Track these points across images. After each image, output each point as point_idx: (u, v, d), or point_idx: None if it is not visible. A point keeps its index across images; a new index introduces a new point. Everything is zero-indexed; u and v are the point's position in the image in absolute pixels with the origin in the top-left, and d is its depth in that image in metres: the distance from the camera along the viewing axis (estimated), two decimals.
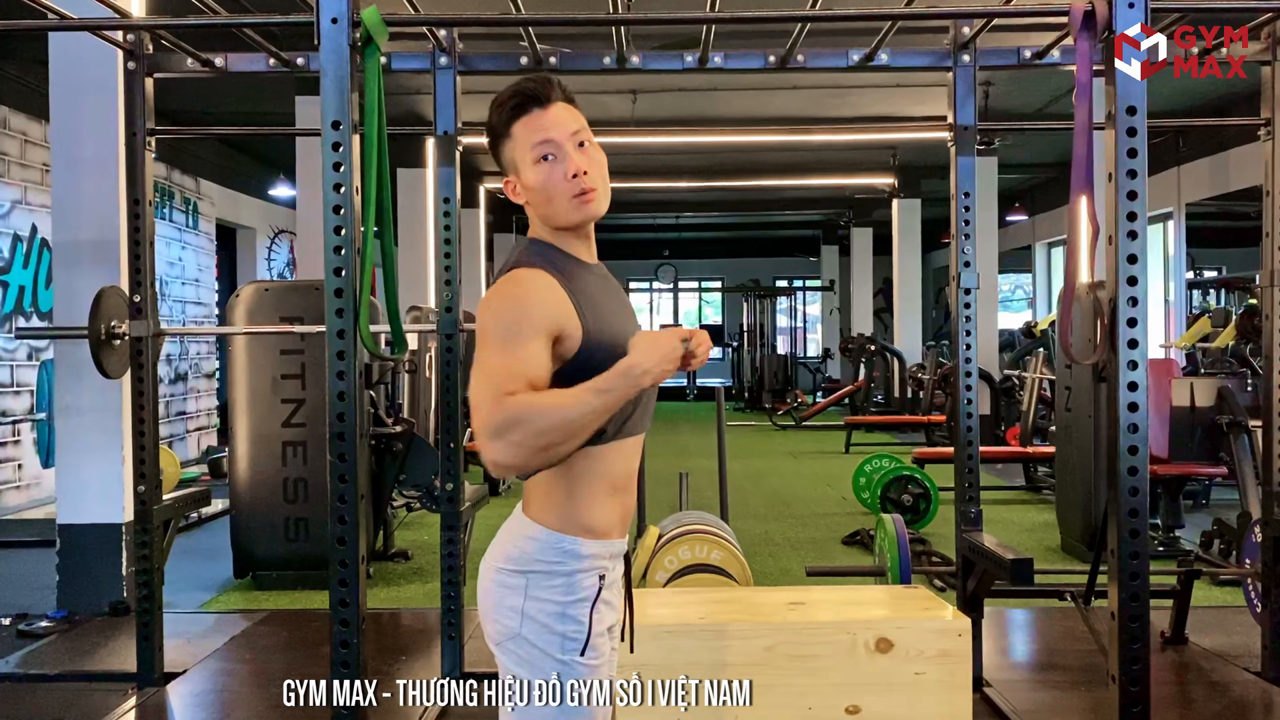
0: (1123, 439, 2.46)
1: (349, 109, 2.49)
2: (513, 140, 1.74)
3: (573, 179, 1.71)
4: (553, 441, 1.55)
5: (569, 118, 1.74)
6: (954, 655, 2.91)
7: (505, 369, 1.58)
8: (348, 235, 2.50)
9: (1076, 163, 2.50)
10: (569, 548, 1.74)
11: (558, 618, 1.73)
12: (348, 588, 2.51)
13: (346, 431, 2.49)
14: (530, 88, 1.74)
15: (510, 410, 1.54)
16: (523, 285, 1.68)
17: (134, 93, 3.73)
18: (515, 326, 1.62)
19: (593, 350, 1.67)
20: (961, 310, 3.71)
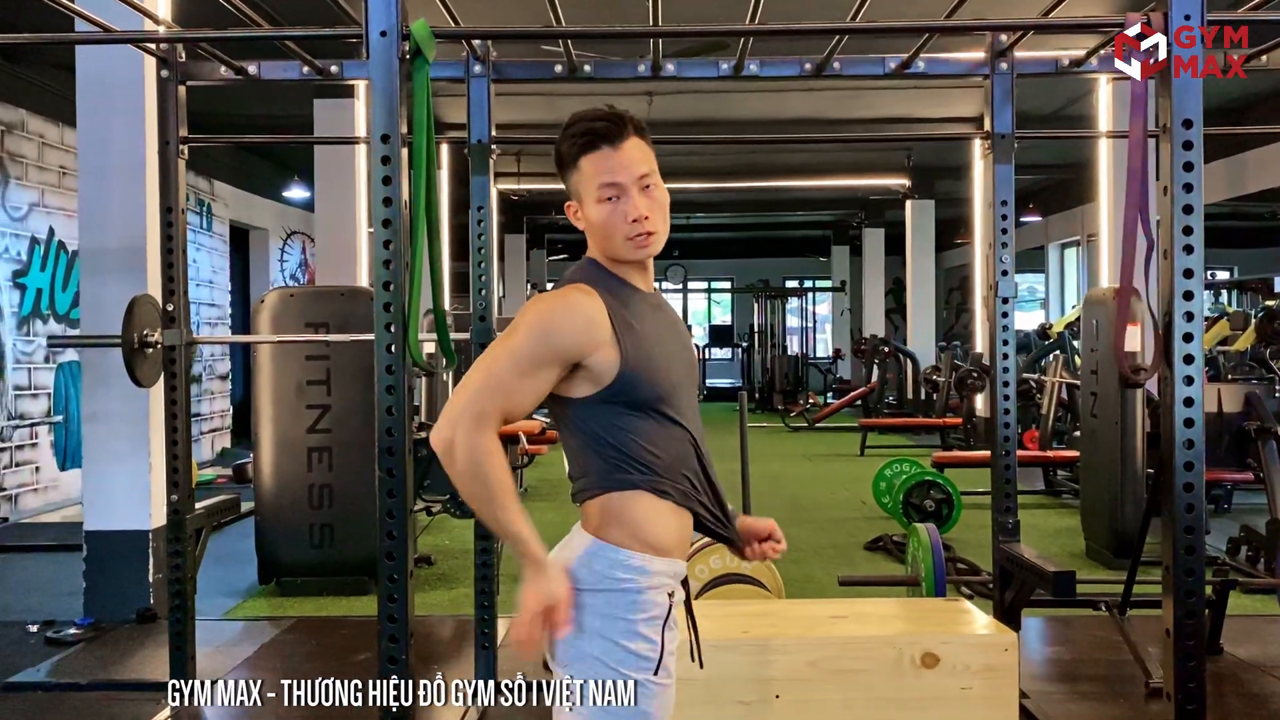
0: (1179, 455, 2.44)
1: (399, 122, 2.47)
2: (579, 173, 1.78)
3: (633, 223, 1.76)
4: (467, 494, 1.67)
5: (639, 159, 1.76)
6: (1000, 670, 2.89)
7: (503, 386, 1.68)
8: (396, 248, 2.48)
9: (1131, 176, 2.48)
10: (639, 564, 1.75)
11: (631, 635, 1.73)
12: (397, 603, 2.50)
13: (396, 446, 2.48)
14: (603, 128, 1.75)
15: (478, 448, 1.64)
16: (570, 308, 1.72)
17: (167, 101, 3.71)
18: (542, 346, 1.69)
19: (632, 377, 1.73)
20: (999, 319, 3.68)
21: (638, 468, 1.75)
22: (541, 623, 1.70)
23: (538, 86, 8.86)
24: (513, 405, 1.70)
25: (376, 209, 2.47)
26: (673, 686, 1.81)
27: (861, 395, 14.31)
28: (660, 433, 1.77)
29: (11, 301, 8.00)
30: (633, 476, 1.75)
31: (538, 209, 16.64)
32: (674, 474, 1.78)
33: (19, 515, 7.77)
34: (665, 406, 1.77)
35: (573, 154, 1.77)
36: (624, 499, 1.75)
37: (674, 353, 1.82)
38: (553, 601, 1.70)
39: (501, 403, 1.68)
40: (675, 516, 1.79)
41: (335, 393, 5.33)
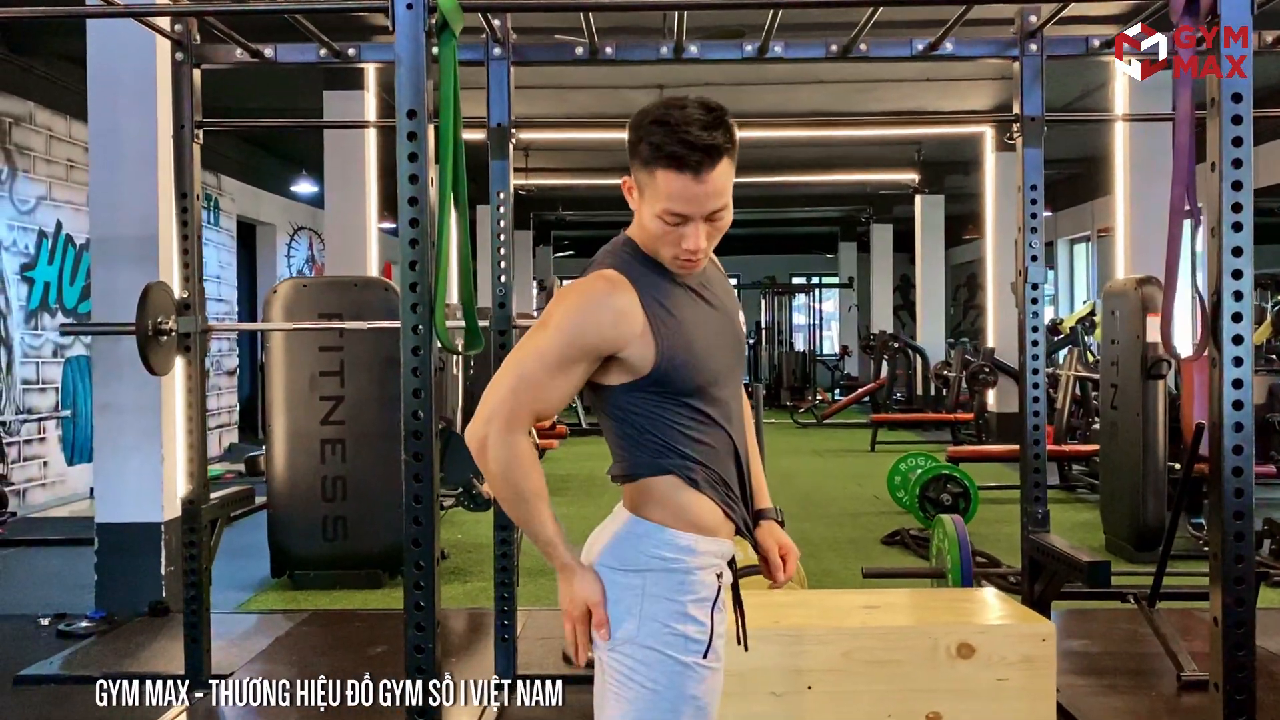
0: (1227, 439, 2.37)
1: (425, 97, 2.40)
2: (652, 179, 1.65)
3: (685, 248, 1.67)
4: (500, 496, 1.69)
5: (719, 190, 1.64)
6: (1038, 661, 2.83)
7: (534, 386, 1.65)
8: (423, 228, 2.42)
9: (1178, 152, 2.42)
10: (686, 543, 1.70)
11: (679, 617, 1.68)
12: (423, 590, 2.43)
13: (421, 429, 2.42)
14: (694, 160, 1.60)
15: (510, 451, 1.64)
16: (598, 303, 1.66)
17: (181, 84, 3.67)
18: (575, 341, 1.65)
19: (668, 369, 1.67)
20: (1029, 305, 3.62)
21: (676, 456, 1.70)
22: (581, 627, 1.69)
23: (548, 78, 8.82)
24: (544, 405, 1.67)
25: (402, 187, 2.41)
26: (721, 670, 1.75)
27: (870, 391, 14.24)
28: (699, 429, 1.72)
29: (19, 295, 7.94)
30: (671, 462, 1.70)
31: (545, 205, 16.59)
32: (711, 473, 1.73)
33: (26, 510, 7.72)
34: (705, 398, 1.72)
35: (650, 160, 1.63)
36: (664, 483, 1.71)
37: (717, 338, 1.76)
38: (588, 605, 1.68)
39: (532, 403, 1.66)
40: (713, 499, 1.73)
41: (349, 384, 5.27)
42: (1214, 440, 2.41)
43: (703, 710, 1.70)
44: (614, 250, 1.74)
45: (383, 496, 5.16)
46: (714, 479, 1.73)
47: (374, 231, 8.30)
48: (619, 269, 1.69)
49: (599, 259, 1.74)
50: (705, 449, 1.72)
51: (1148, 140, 7.84)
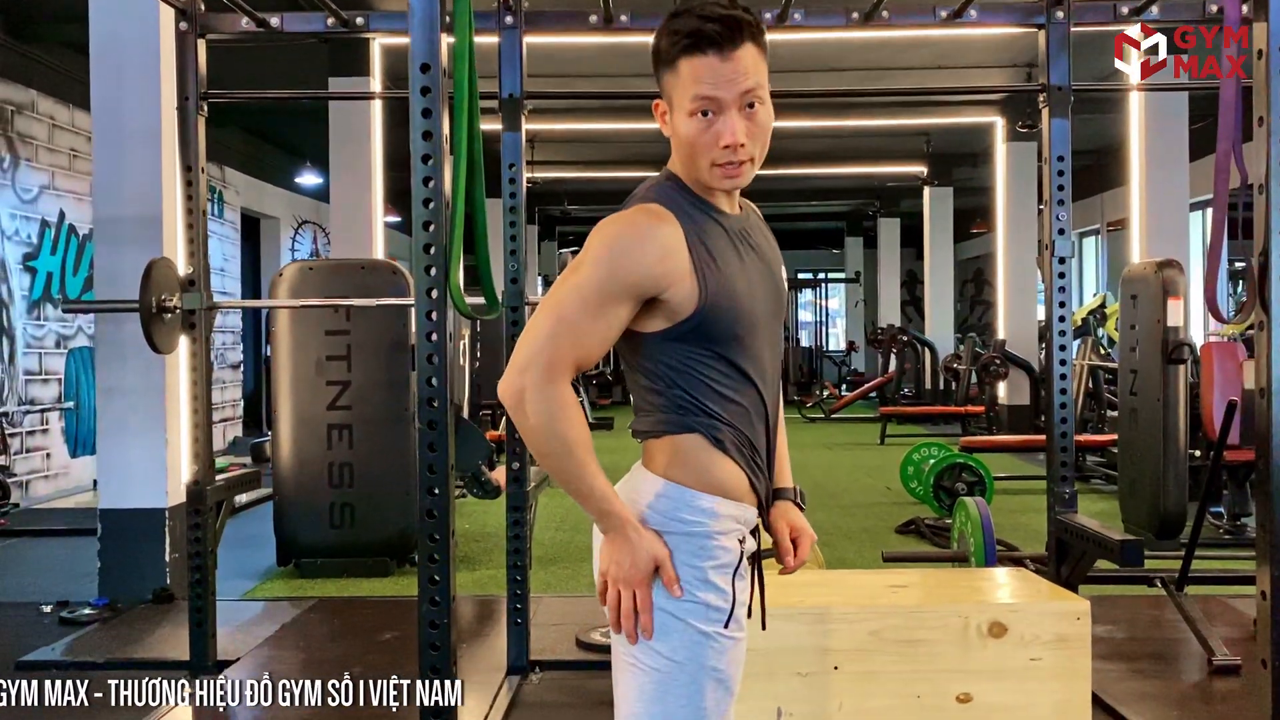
0: (1277, 407, 2.28)
1: (439, 51, 2.31)
2: (676, 75, 1.54)
3: (724, 148, 1.54)
4: (542, 452, 1.53)
5: (750, 70, 1.52)
6: (1072, 641, 2.73)
7: (574, 329, 1.51)
8: (436, 186, 2.32)
9: (1225, 109, 2.32)
10: (708, 506, 1.58)
11: (700, 584, 1.57)
12: (438, 564, 2.34)
13: (437, 397, 2.32)
14: (714, 31, 1.49)
15: (553, 401, 1.50)
16: (644, 234, 1.53)
17: (186, 55, 3.58)
18: (618, 277, 1.51)
19: (710, 314, 1.55)
20: (1056, 280, 3.52)
21: (704, 414, 1.59)
22: (643, 592, 1.54)
23: (557, 66, 8.72)
24: (585, 350, 1.53)
25: (416, 144, 2.32)
26: (744, 640, 1.64)
27: (878, 385, 14.15)
28: (731, 386, 1.60)
29: (22, 285, 7.86)
30: (698, 420, 1.59)
31: (550, 199, 16.48)
32: (739, 434, 1.61)
33: (29, 502, 7.64)
34: (742, 349, 1.60)
35: (672, 53, 1.52)
36: (688, 441, 1.59)
37: (758, 286, 1.63)
38: (657, 561, 1.54)
39: (573, 348, 1.51)
40: (737, 463, 1.62)
41: (356, 368, 5.17)
42: (1262, 410, 2.32)
43: (724, 683, 1.58)
44: (656, 183, 1.62)
45: (391, 483, 5.07)
46: (741, 441, 1.62)
47: (379, 223, 8.21)
48: (662, 202, 1.57)
49: (639, 192, 1.62)
50: (735, 408, 1.61)
51: (1163, 129, 7.75)
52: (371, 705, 3.44)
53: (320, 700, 3.42)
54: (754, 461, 1.64)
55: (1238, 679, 3.52)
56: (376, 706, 3.42)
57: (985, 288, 18.92)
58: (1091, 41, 6.87)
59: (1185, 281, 5.70)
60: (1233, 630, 4.02)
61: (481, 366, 8.47)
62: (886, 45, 8.83)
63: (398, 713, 3.29)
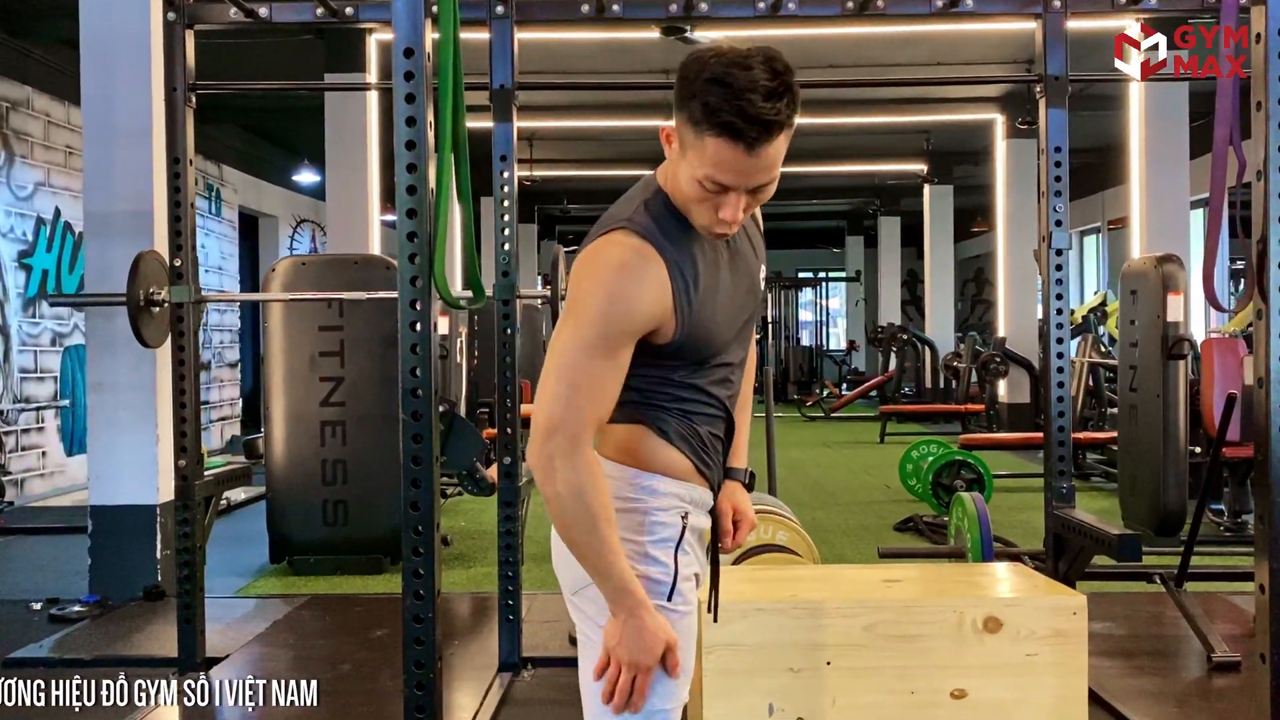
0: (1276, 395, 2.24)
1: (423, 35, 2.27)
2: (698, 140, 1.47)
3: (720, 219, 1.53)
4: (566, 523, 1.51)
5: (771, 164, 1.49)
6: (1069, 636, 2.68)
7: (591, 388, 1.50)
8: (421, 173, 2.29)
9: (1222, 92, 2.28)
10: (647, 484, 1.60)
11: (640, 558, 1.58)
12: (422, 557, 2.30)
13: (421, 387, 2.28)
14: (753, 135, 1.43)
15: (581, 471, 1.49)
16: (639, 279, 1.52)
17: (174, 45, 3.55)
18: (619, 328, 1.51)
19: (683, 345, 1.57)
20: (1053, 273, 3.48)
21: (653, 410, 1.61)
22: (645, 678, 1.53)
23: (554, 62, 8.69)
24: (604, 405, 1.53)
25: (399, 130, 2.28)
26: (692, 615, 1.65)
27: (878, 384, 14.10)
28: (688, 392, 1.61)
29: (17, 282, 7.83)
30: (645, 414, 1.61)
31: (550, 198, 16.43)
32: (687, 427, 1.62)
33: (25, 500, 7.61)
34: (707, 368, 1.62)
35: (701, 122, 1.46)
36: (633, 431, 1.61)
37: (735, 307, 1.64)
38: (669, 645, 1.54)
39: (592, 408, 1.51)
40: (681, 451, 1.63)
41: (349, 364, 5.14)
42: (1259, 400, 2.28)
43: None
44: (644, 199, 1.58)
45: (384, 480, 5.03)
46: (689, 433, 1.62)
47: (376, 221, 8.18)
48: (646, 235, 1.54)
49: (623, 212, 1.58)
50: (689, 410, 1.62)
51: (1163, 126, 7.71)
52: (358, 701, 3.42)
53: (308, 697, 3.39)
54: (703, 452, 1.64)
55: (1237, 675, 3.48)
56: (363, 702, 3.40)
57: (986, 287, 18.88)
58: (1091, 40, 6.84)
59: (1185, 277, 5.66)
60: (1233, 627, 3.98)
61: (479, 365, 8.42)
62: (883, 41, 8.78)
63: (384, 708, 3.27)
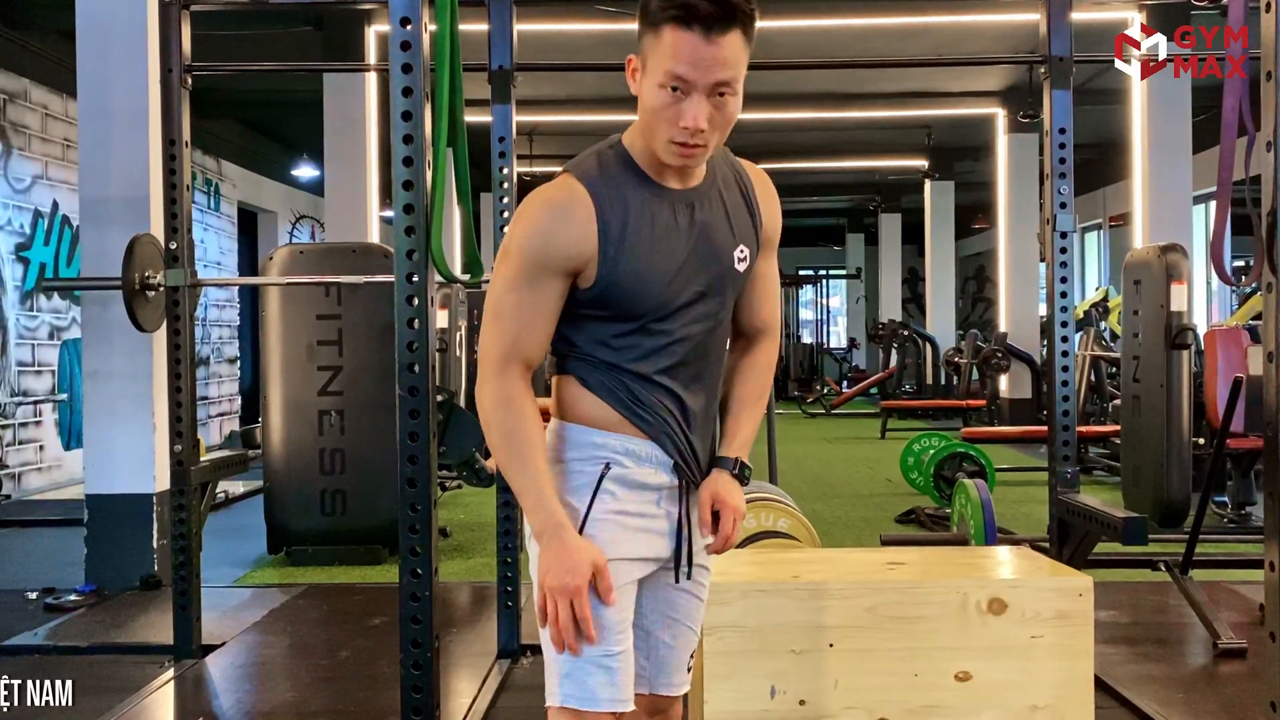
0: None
1: (421, 3, 2.24)
2: (657, 39, 1.48)
3: (683, 128, 1.49)
4: (493, 443, 1.56)
5: (730, 59, 1.47)
6: (1074, 618, 2.64)
7: (516, 320, 1.55)
8: (418, 146, 2.25)
9: (1232, 64, 2.24)
10: (565, 434, 1.62)
11: None
12: (419, 535, 2.27)
13: (418, 362, 2.25)
14: (705, 8, 1.43)
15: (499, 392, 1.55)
16: (553, 211, 1.54)
17: (169, 26, 3.51)
18: (537, 263, 1.54)
19: (606, 291, 1.55)
20: (1057, 256, 3.45)
21: (579, 360, 1.61)
22: (580, 600, 1.50)
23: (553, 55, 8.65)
24: (529, 336, 1.56)
25: (395, 101, 2.25)
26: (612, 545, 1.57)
27: (879, 381, 14.07)
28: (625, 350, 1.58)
29: (14, 275, 7.80)
30: (573, 364, 1.62)
31: None
32: (615, 381, 1.59)
33: (22, 494, 7.57)
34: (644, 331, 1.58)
35: (659, 17, 1.46)
36: (564, 381, 1.63)
37: (677, 264, 1.58)
38: (595, 568, 1.52)
39: (515, 337, 1.55)
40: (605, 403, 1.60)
41: (347, 353, 5.11)
42: (1271, 374, 2.24)
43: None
44: (598, 150, 1.60)
45: (383, 470, 4.99)
46: (614, 385, 1.59)
47: (374, 216, 8.15)
48: (583, 177, 1.56)
49: (579, 158, 1.60)
50: (619, 363, 1.59)
51: (1166, 121, 7.67)
52: (357, 686, 3.39)
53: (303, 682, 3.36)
54: (635, 407, 1.60)
55: (1243, 662, 3.44)
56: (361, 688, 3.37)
57: (987, 285, 18.84)
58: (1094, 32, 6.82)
59: (1189, 267, 5.63)
60: (1238, 615, 3.95)
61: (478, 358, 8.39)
62: (886, 34, 8.75)
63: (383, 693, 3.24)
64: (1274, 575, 2.22)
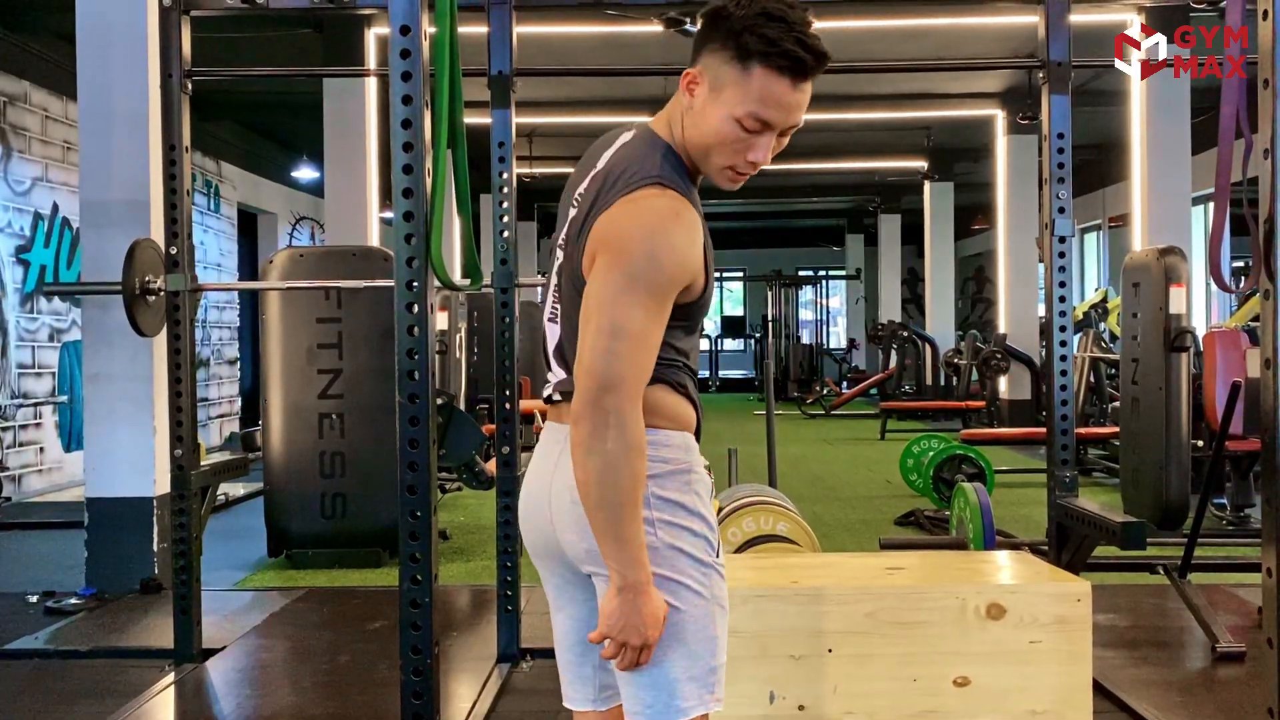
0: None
1: (420, 11, 2.25)
2: (744, 75, 1.47)
3: (747, 162, 1.52)
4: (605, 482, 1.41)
5: (805, 104, 1.51)
6: (1072, 622, 2.66)
7: (645, 338, 1.44)
8: (418, 152, 2.26)
9: (1230, 70, 2.25)
10: (681, 441, 1.56)
11: (693, 516, 1.54)
12: (419, 542, 2.28)
13: (418, 369, 2.26)
14: (808, 63, 1.46)
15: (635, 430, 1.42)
16: (681, 224, 1.47)
17: (169, 32, 3.51)
18: (668, 280, 1.45)
19: (704, 303, 1.55)
20: (1056, 260, 3.46)
21: (664, 366, 1.54)
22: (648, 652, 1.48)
23: (552, 58, 8.66)
24: (652, 359, 1.46)
25: (395, 108, 2.25)
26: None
27: (879, 382, 14.07)
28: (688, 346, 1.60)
29: (14, 278, 7.80)
30: (660, 370, 1.53)
31: (550, 195, 16.40)
32: (692, 379, 1.62)
33: (22, 496, 7.58)
34: (698, 330, 1.63)
35: (755, 53, 1.45)
36: (654, 389, 1.54)
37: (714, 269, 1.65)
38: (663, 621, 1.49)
39: (647, 362, 1.45)
40: (693, 404, 1.61)
41: (347, 356, 5.11)
42: (1269, 381, 2.24)
43: (724, 616, 1.56)
44: (658, 159, 1.53)
45: (383, 472, 5.00)
46: (695, 391, 1.62)
47: (374, 218, 8.15)
48: (676, 186, 1.50)
49: (647, 167, 1.51)
50: (690, 367, 1.61)
51: (1164, 122, 7.68)
52: (357, 690, 3.39)
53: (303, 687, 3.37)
54: (700, 413, 1.63)
55: (1242, 666, 3.45)
56: (361, 691, 3.37)
57: (986, 285, 18.84)
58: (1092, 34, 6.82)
59: (1188, 269, 5.63)
60: (1236, 619, 3.95)
61: (479, 361, 8.38)
62: (886, 36, 8.75)
63: (383, 697, 3.24)
64: (1271, 581, 2.23)
